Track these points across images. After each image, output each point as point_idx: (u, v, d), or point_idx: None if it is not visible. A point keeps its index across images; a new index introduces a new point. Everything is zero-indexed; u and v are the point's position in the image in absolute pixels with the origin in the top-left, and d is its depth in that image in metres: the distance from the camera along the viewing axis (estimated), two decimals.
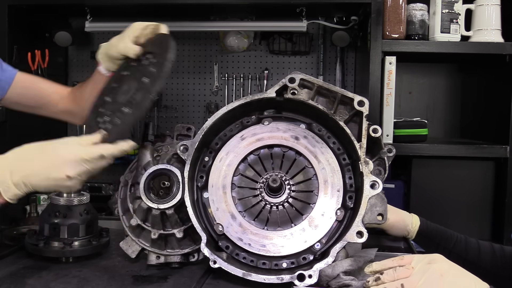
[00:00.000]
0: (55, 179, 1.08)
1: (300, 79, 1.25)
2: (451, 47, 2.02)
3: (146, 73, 1.23)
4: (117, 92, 1.27)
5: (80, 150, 1.10)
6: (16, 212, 2.22)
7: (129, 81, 1.27)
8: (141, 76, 1.23)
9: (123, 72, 1.34)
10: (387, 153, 1.25)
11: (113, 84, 1.33)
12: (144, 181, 1.26)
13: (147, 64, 1.27)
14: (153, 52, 1.29)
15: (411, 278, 0.98)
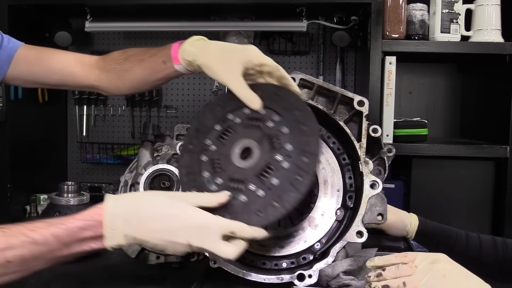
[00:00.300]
0: (174, 243, 0.95)
1: (300, 79, 1.25)
2: (451, 47, 2.02)
3: (283, 152, 1.05)
4: (232, 147, 1.10)
5: (212, 220, 0.96)
6: (16, 212, 2.22)
7: (253, 144, 1.08)
8: (274, 152, 1.05)
9: (234, 116, 1.13)
10: (387, 153, 1.25)
11: (220, 141, 1.12)
12: (144, 181, 1.26)
13: (277, 135, 1.07)
14: (285, 119, 1.08)
15: (414, 276, 0.97)
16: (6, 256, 0.84)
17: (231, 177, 1.06)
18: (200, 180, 1.09)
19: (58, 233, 0.90)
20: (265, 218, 1.00)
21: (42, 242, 0.88)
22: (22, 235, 0.87)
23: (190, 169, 1.11)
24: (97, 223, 0.93)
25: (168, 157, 1.30)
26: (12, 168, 2.15)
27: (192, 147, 1.13)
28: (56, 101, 2.56)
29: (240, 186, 1.04)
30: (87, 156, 2.65)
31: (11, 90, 2.16)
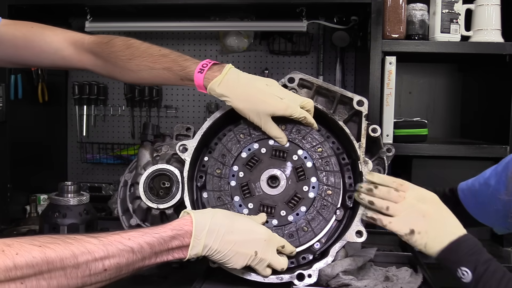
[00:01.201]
0: (243, 254, 1.06)
1: (300, 78, 1.25)
2: (451, 47, 2.02)
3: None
4: (260, 175, 1.22)
5: (273, 235, 1.12)
6: (16, 212, 2.22)
7: (280, 174, 1.22)
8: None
9: (260, 146, 1.23)
10: (387, 152, 1.25)
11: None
12: (144, 181, 1.26)
13: (302, 168, 1.21)
14: (309, 154, 1.22)
15: (398, 206, 1.06)
16: (104, 265, 0.85)
17: (262, 202, 1.21)
18: (228, 203, 1.22)
19: (152, 241, 0.94)
20: (297, 240, 1.19)
21: (138, 250, 0.91)
22: (119, 243, 0.89)
23: (220, 193, 1.22)
24: (186, 232, 1.00)
25: (168, 157, 1.30)
26: (12, 168, 2.15)
27: (219, 172, 1.24)
28: (56, 101, 2.56)
29: (271, 211, 1.20)
30: (87, 156, 2.65)
31: (11, 90, 2.16)
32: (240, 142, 1.25)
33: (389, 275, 1.24)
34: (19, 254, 0.74)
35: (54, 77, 2.49)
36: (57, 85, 2.56)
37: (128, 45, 1.26)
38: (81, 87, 2.60)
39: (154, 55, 1.23)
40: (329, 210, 1.21)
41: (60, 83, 2.61)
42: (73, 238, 0.84)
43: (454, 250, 1.03)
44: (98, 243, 0.86)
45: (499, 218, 1.32)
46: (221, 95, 1.17)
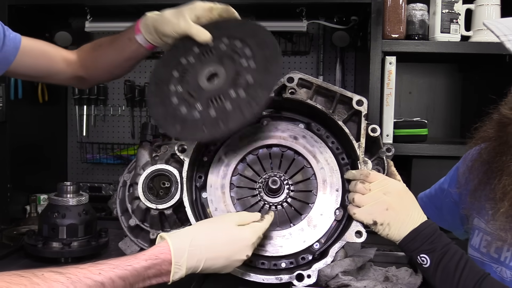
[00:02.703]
0: (236, 261, 1.06)
1: (299, 78, 1.25)
2: (451, 47, 2.01)
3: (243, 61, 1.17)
4: (197, 79, 1.19)
5: (255, 233, 1.10)
6: (16, 212, 2.22)
7: (217, 66, 1.19)
8: (240, 68, 1.16)
9: (187, 59, 1.23)
10: (386, 152, 1.24)
11: (188, 69, 1.22)
12: (143, 181, 1.26)
13: (233, 50, 1.19)
14: (233, 36, 1.21)
15: (363, 197, 1.12)
16: None
17: (209, 97, 1.15)
18: (180, 116, 1.16)
19: (124, 274, 0.89)
20: (256, 105, 1.11)
21: (109, 284, 0.86)
22: (88, 279, 0.84)
23: (166, 113, 1.18)
24: (163, 261, 0.96)
25: (167, 157, 1.30)
26: (12, 168, 2.15)
27: (159, 99, 1.21)
28: (56, 101, 2.56)
29: (219, 100, 1.14)
30: (87, 156, 2.65)
31: (11, 90, 2.16)
32: (167, 65, 1.25)
33: (388, 275, 1.24)
34: None
35: None
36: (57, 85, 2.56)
37: (97, 40, 1.40)
38: None
39: (115, 35, 1.36)
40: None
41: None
42: (40, 276, 0.80)
43: (413, 239, 1.08)
44: (66, 281, 0.81)
45: (455, 221, 1.40)
46: (151, 18, 1.27)
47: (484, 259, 1.18)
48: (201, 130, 1.13)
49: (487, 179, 1.16)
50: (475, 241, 1.23)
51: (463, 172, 1.29)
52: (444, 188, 1.42)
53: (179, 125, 1.16)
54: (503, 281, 1.11)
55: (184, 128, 1.15)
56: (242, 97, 1.13)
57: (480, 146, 1.24)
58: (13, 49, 1.31)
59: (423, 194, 1.51)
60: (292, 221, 1.25)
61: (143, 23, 1.28)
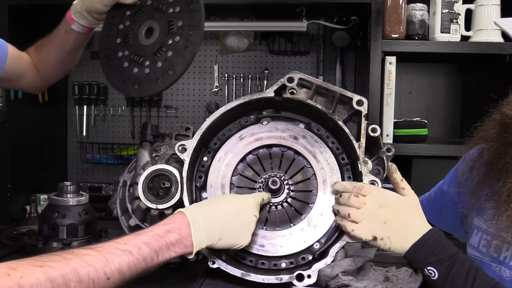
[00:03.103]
0: (249, 222, 1.10)
1: (299, 78, 1.25)
2: (451, 47, 2.01)
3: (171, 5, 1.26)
4: (138, 39, 1.28)
5: (253, 196, 1.15)
6: (16, 212, 2.22)
7: (150, 21, 1.28)
8: (168, 15, 1.25)
9: (124, 24, 1.33)
10: (386, 152, 1.24)
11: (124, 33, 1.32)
12: (143, 181, 1.26)
13: (157, 1, 1.28)
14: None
15: (359, 212, 1.07)
16: (106, 273, 0.86)
17: (152, 52, 1.25)
18: (134, 77, 1.27)
19: (148, 240, 0.94)
20: (192, 45, 1.21)
21: (136, 252, 0.91)
22: (116, 249, 0.90)
23: (123, 79, 1.30)
24: (180, 224, 1.00)
25: (167, 157, 1.30)
26: (12, 168, 2.15)
27: (111, 68, 1.32)
28: (56, 101, 2.56)
29: (161, 51, 1.24)
30: (87, 156, 2.65)
31: (11, 90, 2.16)
32: (109, 34, 1.35)
33: (389, 275, 1.24)
34: (23, 277, 0.76)
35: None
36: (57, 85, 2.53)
37: (39, 42, 1.48)
38: (81, 87, 2.60)
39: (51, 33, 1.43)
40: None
41: (60, 83, 2.60)
42: (71, 253, 0.86)
43: (417, 250, 1.04)
44: (96, 254, 0.87)
45: (455, 223, 1.38)
46: (77, 4, 1.36)
47: (483, 258, 1.18)
48: (156, 83, 1.23)
49: (488, 180, 1.16)
50: (474, 240, 1.23)
51: (463, 171, 1.27)
52: (444, 190, 1.42)
53: (137, 85, 1.26)
54: (503, 281, 1.10)
55: (141, 86, 1.25)
56: (178, 41, 1.22)
57: (480, 146, 1.23)
58: (4, 56, 1.37)
59: (423, 197, 1.49)
60: (292, 221, 1.25)
61: (74, 12, 1.37)
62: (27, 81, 1.48)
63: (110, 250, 0.89)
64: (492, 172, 1.14)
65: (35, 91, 1.56)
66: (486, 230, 1.19)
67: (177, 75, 1.21)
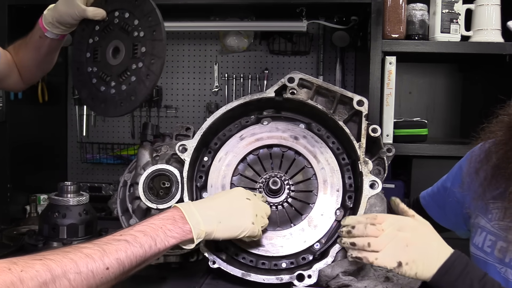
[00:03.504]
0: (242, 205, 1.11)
1: (299, 78, 1.25)
2: (451, 47, 2.01)
3: (135, 29, 1.27)
4: (106, 57, 1.30)
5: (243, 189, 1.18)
6: (16, 212, 2.22)
7: (117, 41, 1.29)
8: (131, 34, 1.27)
9: (93, 38, 1.35)
10: (387, 152, 1.24)
11: (87, 50, 1.34)
12: (143, 181, 1.26)
13: (124, 22, 1.29)
14: (121, 8, 1.30)
15: (379, 240, 1.03)
16: (104, 263, 0.87)
17: (118, 74, 1.27)
18: (101, 95, 1.30)
19: (142, 229, 0.97)
20: (154, 75, 1.23)
21: (132, 240, 0.93)
22: (113, 240, 0.92)
23: (91, 94, 1.32)
24: (173, 213, 1.02)
25: (167, 157, 1.30)
26: (12, 168, 2.15)
27: (82, 82, 1.35)
28: (56, 101, 2.56)
29: (126, 74, 1.26)
30: (87, 156, 2.65)
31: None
32: (80, 48, 1.37)
33: (389, 275, 1.24)
34: (23, 270, 0.78)
35: (54, 77, 2.48)
36: (57, 85, 2.56)
37: (14, 45, 1.49)
38: None
39: (26, 37, 1.45)
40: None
41: (60, 83, 2.61)
42: (69, 247, 0.88)
43: (445, 274, 1.00)
44: (93, 246, 0.89)
45: (458, 220, 1.37)
46: (48, 15, 1.37)
47: (488, 259, 1.17)
48: (120, 105, 1.25)
49: (495, 183, 1.14)
50: (478, 240, 1.22)
51: (469, 173, 1.25)
52: (446, 187, 1.40)
53: (104, 104, 1.28)
54: (508, 283, 1.09)
55: (107, 106, 1.27)
56: (141, 68, 1.24)
57: (484, 144, 1.22)
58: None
59: (425, 193, 1.49)
60: (293, 221, 1.25)
61: (45, 21, 1.38)
62: (11, 81, 1.49)
63: (106, 242, 0.91)
64: (500, 176, 1.13)
65: (18, 90, 1.61)
66: (491, 231, 1.18)
67: (138, 102, 1.24)
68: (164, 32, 1.24)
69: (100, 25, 1.34)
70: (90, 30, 1.36)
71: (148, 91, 1.24)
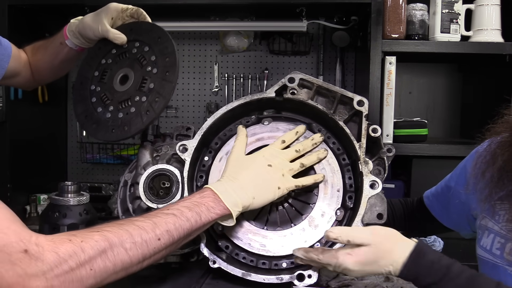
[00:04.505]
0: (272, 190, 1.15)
1: (300, 79, 1.25)
2: (451, 47, 2.02)
3: (148, 63, 1.27)
4: (112, 81, 1.30)
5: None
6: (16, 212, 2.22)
7: (128, 69, 1.29)
8: (143, 66, 1.27)
9: (106, 60, 1.34)
10: (387, 153, 1.24)
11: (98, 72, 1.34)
12: (144, 181, 1.26)
13: (141, 54, 1.29)
14: (143, 41, 1.31)
15: (349, 268, 1.02)
16: (156, 234, 0.94)
17: (119, 100, 1.27)
18: (96, 116, 1.29)
19: (187, 205, 1.02)
20: (153, 113, 1.23)
21: (179, 214, 0.99)
22: (162, 213, 0.98)
23: (86, 112, 1.31)
24: (208, 191, 1.07)
25: (168, 157, 1.30)
26: (12, 168, 2.15)
27: (81, 97, 1.33)
28: (56, 101, 2.56)
29: (127, 103, 1.26)
30: (87, 156, 2.65)
31: (11, 90, 2.16)
32: (90, 65, 1.37)
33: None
34: (83, 241, 0.84)
35: None
36: (57, 85, 2.56)
37: (34, 45, 1.52)
38: None
39: (49, 39, 1.47)
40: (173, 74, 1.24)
41: (60, 83, 2.62)
42: (123, 220, 0.97)
43: (414, 263, 1.00)
44: (144, 219, 0.95)
45: (462, 221, 1.37)
46: (74, 24, 1.39)
47: (496, 261, 1.16)
48: (111, 131, 1.25)
49: (501, 184, 1.14)
50: (486, 242, 1.21)
51: (474, 174, 1.24)
52: (450, 186, 1.39)
53: (95, 125, 1.28)
54: None
55: (98, 128, 1.27)
56: (143, 103, 1.24)
57: (490, 145, 1.22)
58: (7, 57, 1.40)
59: (429, 192, 1.48)
60: (293, 221, 1.25)
61: (69, 29, 1.39)
62: (21, 79, 1.51)
63: (156, 215, 0.98)
64: (506, 178, 1.13)
65: (28, 88, 1.61)
66: (500, 233, 1.17)
67: (129, 134, 1.24)
68: (177, 76, 1.25)
69: (117, 50, 1.34)
70: (106, 51, 1.36)
71: (143, 127, 1.23)
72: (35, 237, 0.81)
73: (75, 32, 1.38)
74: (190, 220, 1.00)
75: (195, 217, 1.01)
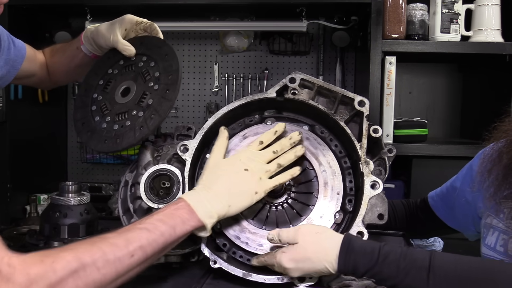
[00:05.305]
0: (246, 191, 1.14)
1: (301, 79, 1.25)
2: (451, 47, 2.02)
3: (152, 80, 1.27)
4: (115, 92, 1.30)
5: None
6: (16, 212, 2.22)
7: (132, 82, 1.29)
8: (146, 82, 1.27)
9: (113, 70, 1.35)
10: (388, 153, 1.24)
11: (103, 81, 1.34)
12: (145, 181, 1.26)
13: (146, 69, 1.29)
14: (150, 56, 1.30)
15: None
16: (129, 251, 0.92)
17: (117, 112, 1.26)
18: (92, 124, 1.28)
19: (161, 218, 1.01)
20: (147, 129, 1.22)
21: (152, 228, 0.98)
22: (134, 228, 0.98)
23: (84, 119, 1.31)
24: (183, 202, 1.06)
25: (169, 157, 1.30)
26: (12, 168, 2.15)
27: (82, 104, 1.33)
28: (56, 101, 2.56)
29: (124, 116, 1.25)
30: (87, 156, 2.65)
31: (11, 90, 2.16)
32: (97, 73, 1.37)
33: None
34: (55, 261, 0.82)
35: None
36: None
37: (53, 46, 1.54)
38: None
39: (68, 42, 1.50)
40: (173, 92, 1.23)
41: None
42: (96, 237, 0.94)
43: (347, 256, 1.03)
44: (117, 235, 0.94)
45: (467, 221, 1.37)
46: (89, 31, 1.40)
47: (501, 258, 1.17)
48: (103, 142, 1.24)
49: (507, 182, 1.14)
50: (490, 240, 1.21)
51: (481, 172, 1.24)
52: (456, 186, 1.39)
53: (90, 133, 1.27)
54: None
55: (92, 137, 1.26)
56: (139, 118, 1.23)
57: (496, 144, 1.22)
58: (21, 58, 1.41)
59: (434, 193, 1.48)
60: (292, 222, 1.25)
61: (84, 35, 1.41)
62: (37, 80, 1.52)
63: (129, 230, 0.97)
64: (511, 177, 1.13)
65: (44, 88, 1.65)
66: (504, 230, 1.17)
67: (120, 147, 1.23)
68: (176, 95, 1.24)
69: (125, 61, 1.34)
70: (114, 61, 1.36)
71: (134, 142, 1.22)
72: (8, 257, 0.80)
73: (90, 39, 1.39)
74: (164, 234, 0.99)
75: (169, 230, 1.00)
